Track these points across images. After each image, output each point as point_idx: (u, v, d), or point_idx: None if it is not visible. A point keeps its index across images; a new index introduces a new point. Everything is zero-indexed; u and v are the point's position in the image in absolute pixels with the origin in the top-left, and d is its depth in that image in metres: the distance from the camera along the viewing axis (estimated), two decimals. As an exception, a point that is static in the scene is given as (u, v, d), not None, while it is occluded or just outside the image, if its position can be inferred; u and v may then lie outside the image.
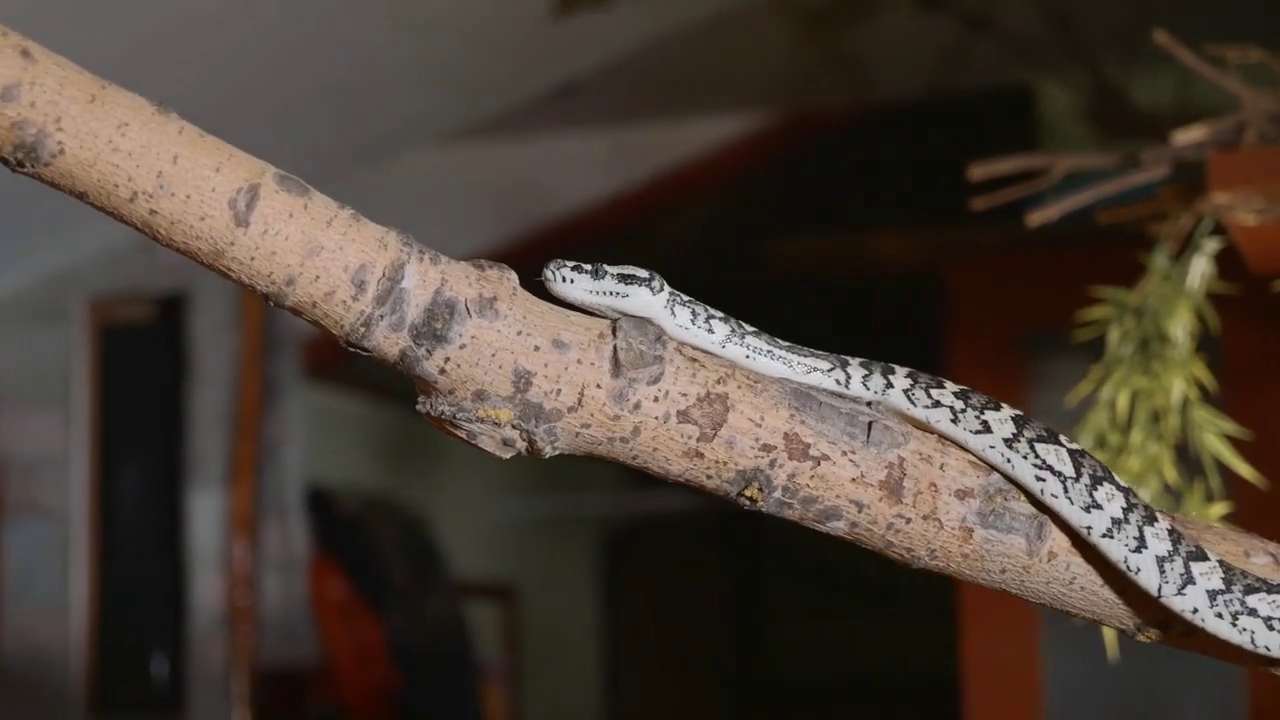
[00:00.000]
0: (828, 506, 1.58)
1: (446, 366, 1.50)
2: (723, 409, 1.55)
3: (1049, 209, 2.90)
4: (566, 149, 6.37)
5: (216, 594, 5.68)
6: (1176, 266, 2.78)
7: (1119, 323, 2.83)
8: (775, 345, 1.60)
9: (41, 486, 5.80)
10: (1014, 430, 1.58)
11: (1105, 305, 2.83)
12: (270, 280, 1.48)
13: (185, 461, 5.76)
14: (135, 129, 1.43)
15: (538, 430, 1.53)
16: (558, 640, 8.84)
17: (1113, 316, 2.83)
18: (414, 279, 1.49)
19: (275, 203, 1.47)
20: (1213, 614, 1.54)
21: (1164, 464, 2.70)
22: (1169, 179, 2.82)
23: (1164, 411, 2.73)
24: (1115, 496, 1.55)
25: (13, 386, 5.82)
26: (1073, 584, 1.61)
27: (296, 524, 6.00)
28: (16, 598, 5.75)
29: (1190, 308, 2.76)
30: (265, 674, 5.74)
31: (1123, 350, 2.83)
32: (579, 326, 1.54)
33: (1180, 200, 2.80)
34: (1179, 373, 2.74)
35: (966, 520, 1.58)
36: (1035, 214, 2.91)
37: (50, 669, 5.72)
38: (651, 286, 1.58)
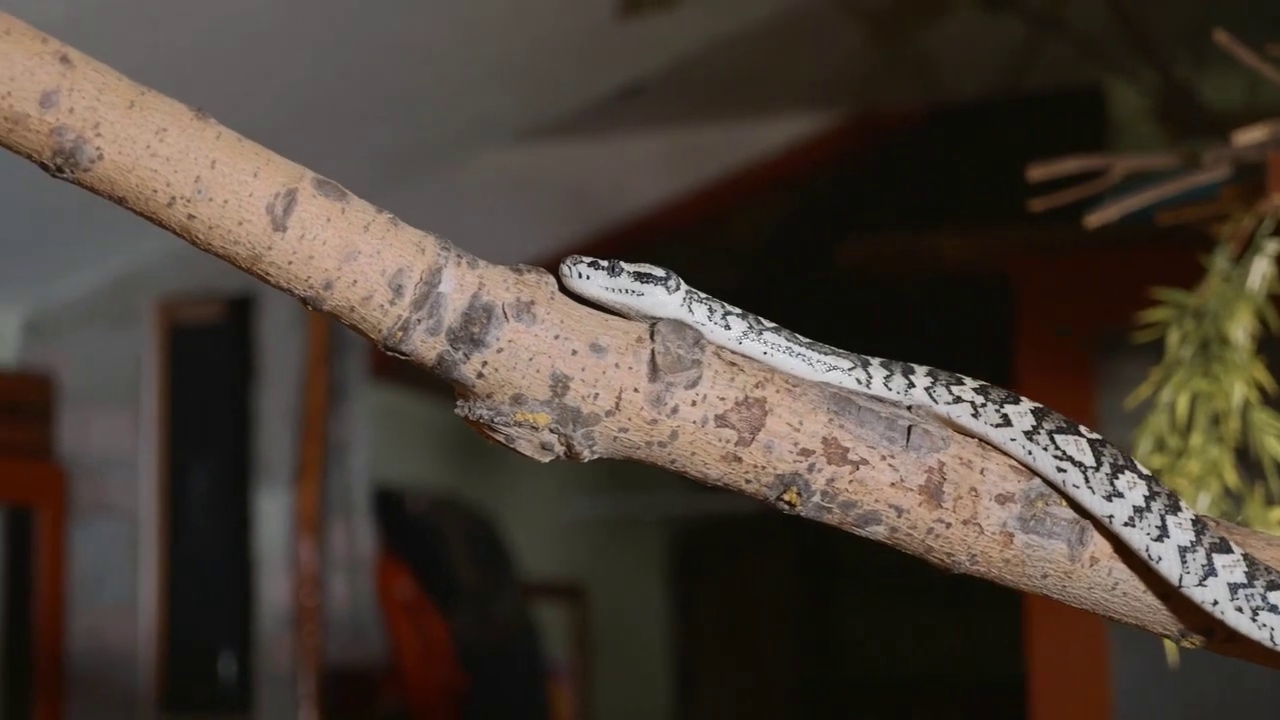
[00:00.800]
0: (867, 511, 1.57)
1: (484, 370, 1.50)
2: (760, 413, 1.54)
3: (1108, 210, 2.88)
4: (633, 150, 6.37)
5: (283, 594, 5.71)
6: (1237, 268, 2.75)
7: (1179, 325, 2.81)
8: (795, 342, 1.60)
9: (111, 487, 5.83)
10: (1034, 423, 1.58)
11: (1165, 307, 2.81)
12: (308, 284, 1.48)
13: (252, 461, 5.78)
14: (173, 134, 1.44)
15: (575, 434, 1.53)
16: (627, 640, 8.84)
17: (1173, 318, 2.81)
18: (451, 283, 1.49)
19: (313, 207, 1.47)
20: (1233, 607, 1.53)
21: (1224, 467, 2.67)
22: (1230, 180, 2.80)
23: (1224, 414, 2.71)
24: (1137, 485, 1.54)
25: (82, 387, 5.86)
26: (1115, 589, 1.60)
27: (363, 524, 6.02)
28: (86, 598, 5.79)
29: (1251, 309, 2.73)
30: (332, 673, 5.76)
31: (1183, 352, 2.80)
32: (617, 331, 1.54)
33: (1241, 201, 2.78)
34: (1239, 375, 2.72)
35: (1007, 525, 1.58)
36: (1094, 215, 2.89)
37: (119, 669, 5.75)
38: (668, 286, 1.58)
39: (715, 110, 6.31)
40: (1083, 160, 2.99)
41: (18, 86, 1.39)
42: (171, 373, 5.82)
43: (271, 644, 5.71)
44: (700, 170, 6.47)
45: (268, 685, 5.69)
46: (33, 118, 1.40)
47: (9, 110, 1.39)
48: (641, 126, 6.28)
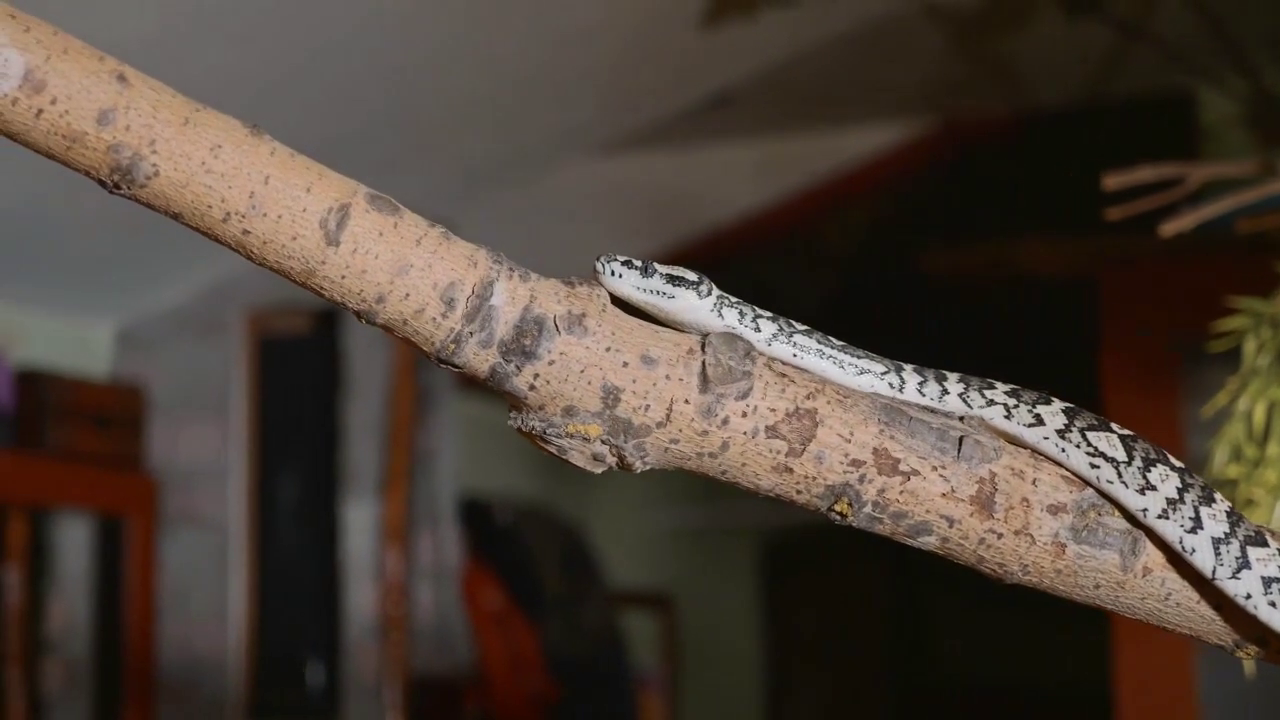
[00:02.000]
0: (918, 522, 1.57)
1: (536, 383, 1.52)
2: (811, 424, 1.55)
3: (1183, 218, 2.87)
4: (719, 159, 6.39)
5: (370, 603, 5.75)
6: (1316, 275, 2.73)
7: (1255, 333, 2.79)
8: (827, 345, 1.61)
9: (200, 496, 5.90)
10: (1065, 421, 1.58)
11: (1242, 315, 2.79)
12: (361, 298, 1.50)
13: (340, 472, 5.83)
14: (228, 150, 1.46)
15: (627, 445, 1.54)
16: (716, 649, 8.84)
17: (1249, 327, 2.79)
18: (503, 296, 1.51)
19: (365, 222, 1.49)
20: (1265, 601, 1.52)
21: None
22: (1309, 187, 2.78)
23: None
24: (1170, 477, 1.54)
25: (173, 398, 5.93)
26: (1168, 600, 1.59)
27: (449, 533, 6.06)
28: (176, 607, 5.85)
29: (1329, 318, 2.71)
30: (418, 682, 5.80)
31: (1260, 361, 2.78)
32: (668, 342, 1.55)
33: (1319, 209, 2.76)
34: (1317, 384, 2.69)
35: (1059, 536, 1.57)
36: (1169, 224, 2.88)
37: (208, 677, 5.81)
38: (699, 290, 1.59)
39: (801, 120, 6.31)
40: (1159, 168, 2.97)
41: (75, 105, 1.42)
42: (260, 384, 5.88)
43: (358, 653, 5.75)
44: (786, 180, 6.48)
45: (354, 694, 5.74)
46: (90, 135, 1.42)
47: (67, 128, 1.42)
48: (727, 137, 6.30)
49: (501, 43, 5.09)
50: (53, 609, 5.81)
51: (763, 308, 1.63)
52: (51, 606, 5.81)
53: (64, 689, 5.80)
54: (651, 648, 8.05)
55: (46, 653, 5.78)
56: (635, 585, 8.14)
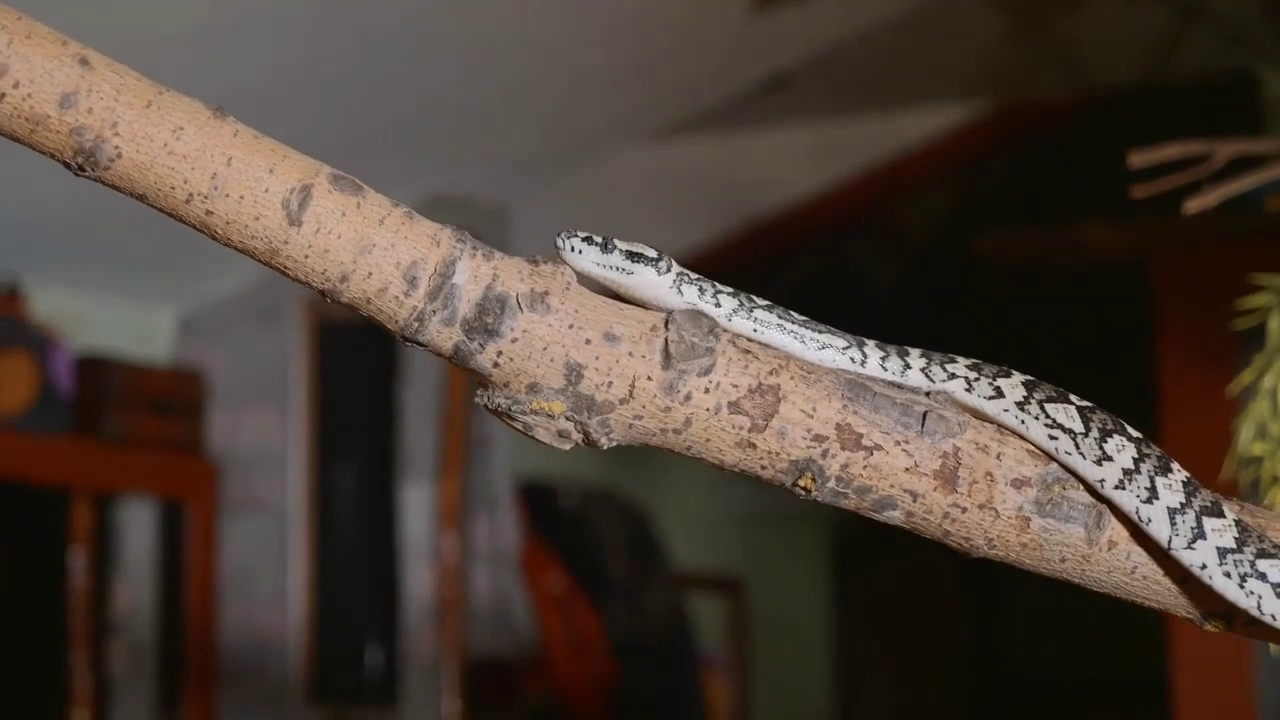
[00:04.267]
0: (882, 496, 1.58)
1: (499, 360, 1.54)
2: (774, 400, 1.56)
3: (1207, 195, 2.85)
4: (776, 144, 6.38)
5: (427, 586, 5.79)
6: (1340, 252, 2.72)
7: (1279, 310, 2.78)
8: (788, 320, 1.61)
9: (260, 482, 5.95)
10: (1025, 394, 1.59)
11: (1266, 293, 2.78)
12: (324, 277, 1.52)
13: (397, 456, 5.87)
14: (190, 133, 1.49)
15: (591, 422, 1.56)
16: (786, 633, 8.85)
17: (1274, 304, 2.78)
18: (465, 274, 1.53)
19: (328, 202, 1.51)
20: (1220, 572, 1.52)
21: (1326, 455, 2.64)
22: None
23: (1327, 401, 2.67)
24: (1126, 447, 1.55)
25: (232, 384, 5.98)
26: (1134, 573, 1.59)
27: (505, 517, 6.09)
28: (237, 591, 5.91)
29: (1355, 294, 2.70)
30: (475, 664, 5.83)
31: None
32: (631, 320, 1.56)
33: (1345, 185, 2.74)
34: (1342, 361, 2.68)
35: (1024, 509, 1.58)
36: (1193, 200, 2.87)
37: (269, 660, 5.87)
38: (658, 266, 1.60)
39: (858, 103, 6.30)
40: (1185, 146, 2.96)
41: (38, 89, 1.45)
42: (319, 370, 5.93)
43: (415, 635, 5.80)
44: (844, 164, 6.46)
45: (412, 676, 5.78)
46: (53, 118, 1.45)
47: (30, 112, 1.45)
48: (783, 121, 6.29)
49: (553, 30, 5.11)
50: (117, 592, 5.88)
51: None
52: (116, 590, 5.88)
53: (129, 671, 5.88)
54: (720, 631, 8.07)
55: (111, 635, 5.85)
56: (705, 568, 8.16)
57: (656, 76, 5.65)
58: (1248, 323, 2.78)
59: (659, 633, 6.90)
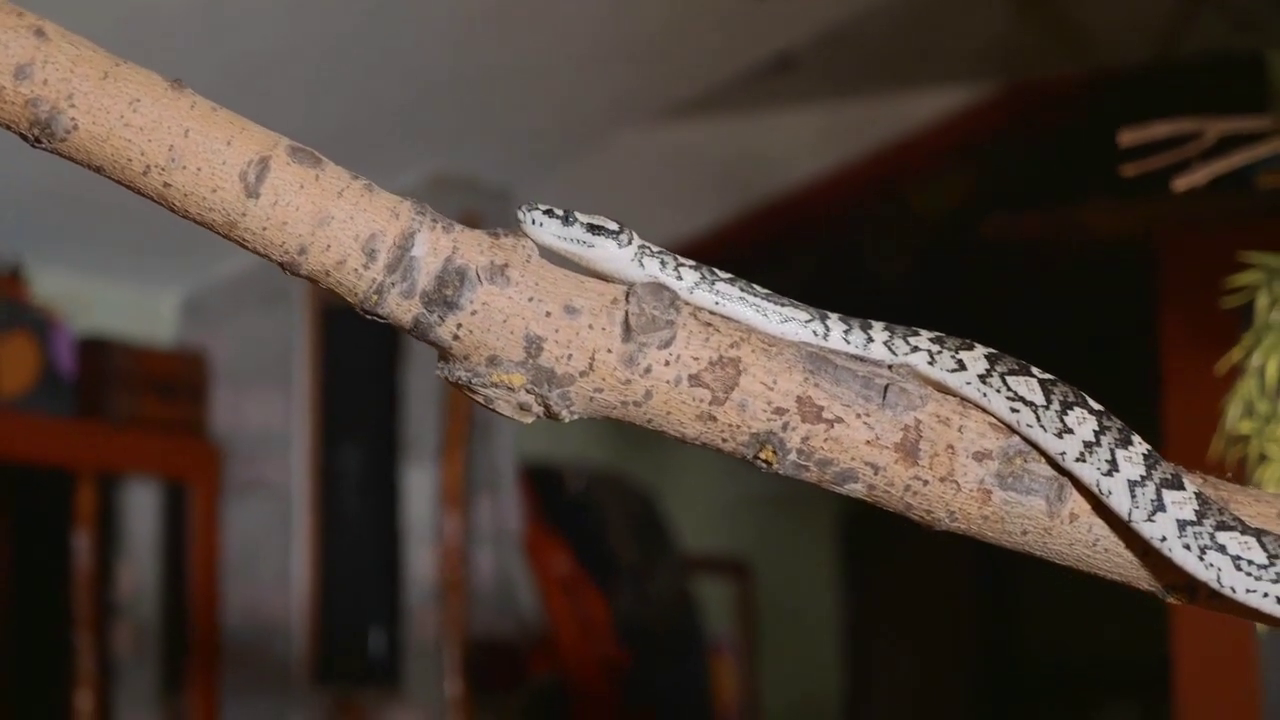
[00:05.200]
0: (844, 469, 1.58)
1: (459, 332, 1.53)
2: (735, 372, 1.56)
3: (1196, 173, 2.85)
4: (784, 125, 6.36)
5: (430, 567, 5.79)
6: (1329, 230, 2.71)
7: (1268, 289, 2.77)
8: (750, 292, 1.61)
9: (263, 464, 5.95)
10: (987, 366, 1.59)
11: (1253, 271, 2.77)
12: (283, 250, 1.52)
13: (400, 438, 5.87)
14: (147, 104, 1.48)
15: (551, 395, 1.56)
16: (794, 617, 8.84)
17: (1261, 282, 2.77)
18: (424, 247, 1.52)
19: (286, 174, 1.51)
20: (1180, 544, 1.52)
21: (1314, 432, 2.63)
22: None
23: (1315, 379, 2.67)
24: (1087, 420, 1.55)
25: (236, 366, 5.98)
26: (1095, 546, 1.59)
27: (509, 498, 6.09)
28: (240, 572, 5.92)
29: (1342, 271, 2.69)
30: (478, 646, 5.83)
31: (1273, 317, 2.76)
32: (592, 292, 1.56)
33: (1334, 162, 2.74)
34: (1331, 340, 2.67)
35: (985, 482, 1.58)
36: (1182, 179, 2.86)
37: (273, 641, 5.87)
38: (619, 239, 1.60)
39: (866, 83, 6.27)
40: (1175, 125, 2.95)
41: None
42: (322, 352, 5.93)
43: (418, 617, 5.80)
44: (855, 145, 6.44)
45: (415, 657, 5.78)
46: (7, 89, 1.45)
47: (-16, 83, 1.45)
48: (791, 101, 6.27)
49: (555, 9, 5.09)
50: (121, 574, 5.89)
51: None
52: (120, 571, 5.89)
53: (133, 652, 5.89)
54: (728, 614, 8.06)
55: (116, 616, 5.86)
56: (712, 552, 8.15)
57: (661, 57, 5.63)
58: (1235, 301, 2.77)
59: (666, 616, 6.90)
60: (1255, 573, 1.51)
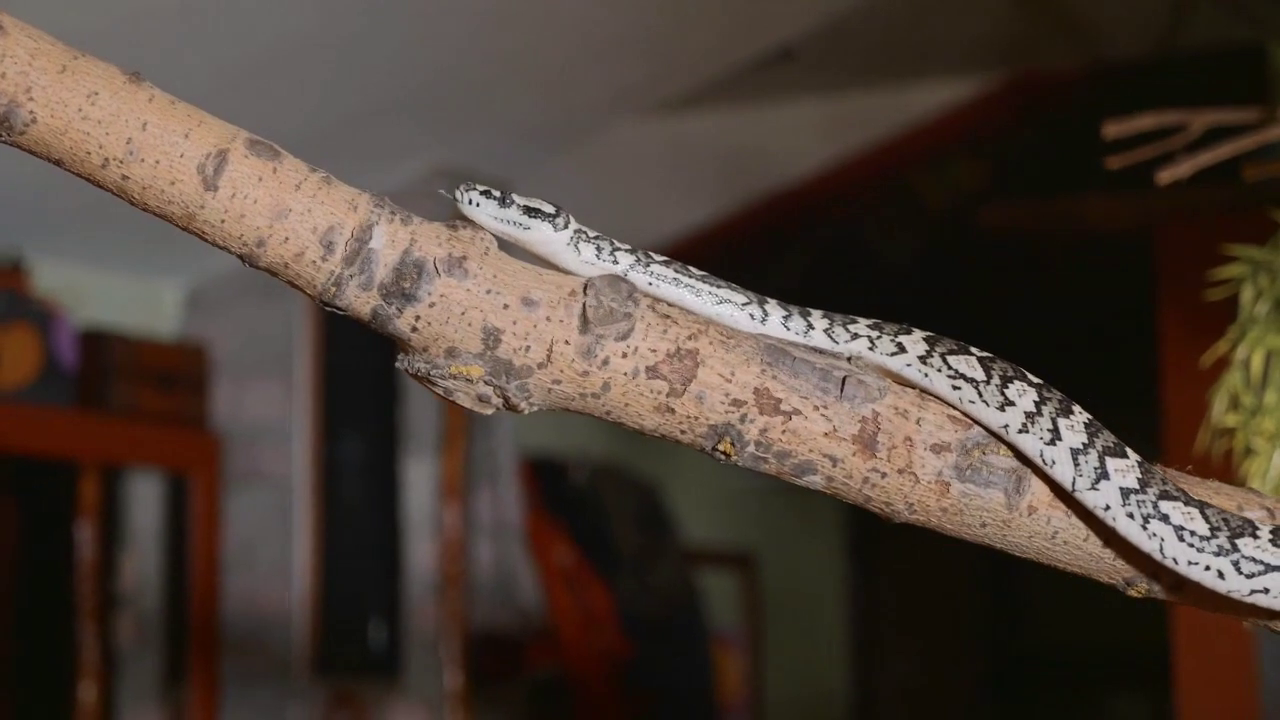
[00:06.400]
0: (802, 461, 1.58)
1: (417, 324, 1.54)
2: (692, 365, 1.56)
3: (1180, 166, 2.85)
4: (785, 117, 6.35)
5: (430, 559, 5.80)
6: (1314, 222, 2.72)
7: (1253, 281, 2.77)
8: (684, 274, 1.62)
9: (264, 455, 5.97)
10: (926, 348, 1.60)
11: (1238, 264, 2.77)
12: (241, 242, 1.53)
13: (400, 430, 5.88)
14: (105, 98, 1.49)
15: (509, 386, 1.56)
16: (800, 609, 8.85)
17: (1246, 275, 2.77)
18: (382, 239, 1.53)
19: (244, 167, 1.51)
20: (1124, 513, 1.52)
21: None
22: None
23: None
24: (1027, 392, 1.55)
25: (237, 358, 5.99)
26: (1055, 538, 1.59)
27: (509, 490, 6.10)
28: (240, 563, 5.93)
29: (1327, 265, 2.69)
30: (478, 638, 5.84)
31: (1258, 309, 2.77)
32: (550, 285, 1.56)
33: (1318, 154, 2.74)
34: (1315, 332, 2.67)
35: (943, 474, 1.58)
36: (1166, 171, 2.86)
37: (273, 632, 5.89)
38: (555, 222, 1.61)
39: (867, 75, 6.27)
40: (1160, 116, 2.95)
41: (-50, 54, 1.45)
42: (323, 344, 5.94)
43: (418, 608, 5.81)
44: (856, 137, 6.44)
45: (415, 649, 5.79)
46: (-35, 83, 1.46)
47: (-59, 77, 1.45)
48: (792, 93, 6.26)
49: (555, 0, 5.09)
50: (124, 564, 5.91)
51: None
52: (123, 562, 5.90)
53: (135, 642, 5.90)
54: (733, 606, 8.07)
55: (118, 607, 5.87)
56: (717, 543, 8.16)
57: (662, 48, 5.63)
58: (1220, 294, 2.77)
59: (669, 607, 6.91)
60: (1197, 544, 1.51)
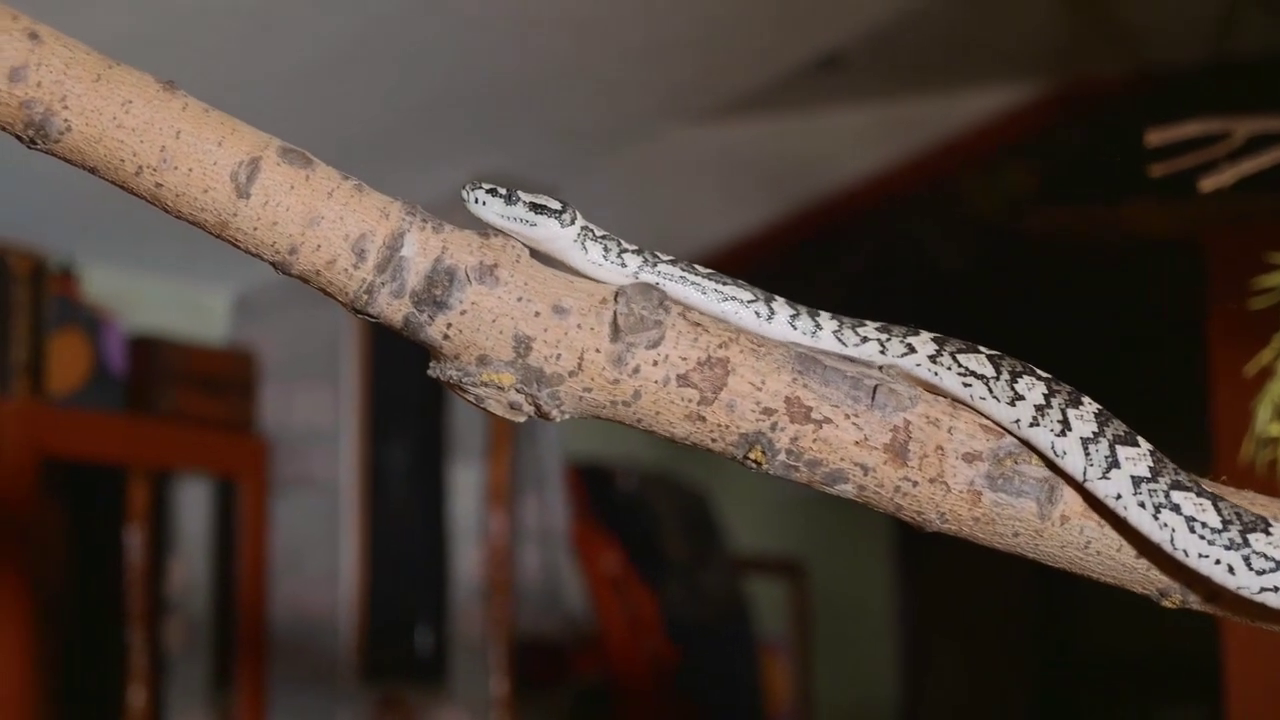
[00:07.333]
0: (833, 469, 1.58)
1: (449, 332, 1.55)
2: (723, 373, 1.56)
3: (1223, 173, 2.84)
4: (832, 124, 6.35)
5: (475, 565, 5.81)
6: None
7: (1297, 290, 2.76)
8: (691, 273, 1.63)
9: (312, 460, 5.98)
10: (936, 348, 1.61)
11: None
12: (274, 249, 1.54)
13: (446, 435, 5.89)
14: (139, 106, 1.50)
15: (541, 394, 1.57)
16: (849, 616, 8.82)
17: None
18: (414, 247, 1.54)
19: (276, 175, 1.52)
20: (1135, 502, 1.52)
21: (1344, 435, 2.62)
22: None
23: (1345, 381, 2.65)
24: (1036, 385, 1.56)
25: (285, 363, 6.01)
26: (1088, 548, 1.59)
27: (555, 496, 6.10)
28: (288, 568, 5.95)
29: (1373, 273, 2.68)
30: (524, 644, 5.85)
31: (1304, 318, 2.75)
32: (581, 293, 1.57)
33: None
34: (1361, 341, 2.66)
35: (975, 483, 1.58)
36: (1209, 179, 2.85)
37: (320, 637, 5.90)
38: (561, 219, 1.61)
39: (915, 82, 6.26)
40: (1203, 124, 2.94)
41: (-13, 62, 1.46)
42: (370, 349, 5.95)
43: (464, 614, 5.82)
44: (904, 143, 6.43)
45: (461, 655, 5.80)
46: (2, 92, 1.47)
47: (-22, 86, 1.47)
48: (839, 101, 6.26)
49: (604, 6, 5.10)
50: (173, 569, 5.93)
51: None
52: (171, 567, 5.93)
53: (184, 647, 5.92)
54: (781, 614, 8.05)
55: (167, 612, 5.90)
56: (765, 551, 8.14)
57: (709, 54, 5.63)
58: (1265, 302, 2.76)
59: (716, 615, 6.90)
60: (1209, 536, 1.51)
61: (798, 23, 5.57)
